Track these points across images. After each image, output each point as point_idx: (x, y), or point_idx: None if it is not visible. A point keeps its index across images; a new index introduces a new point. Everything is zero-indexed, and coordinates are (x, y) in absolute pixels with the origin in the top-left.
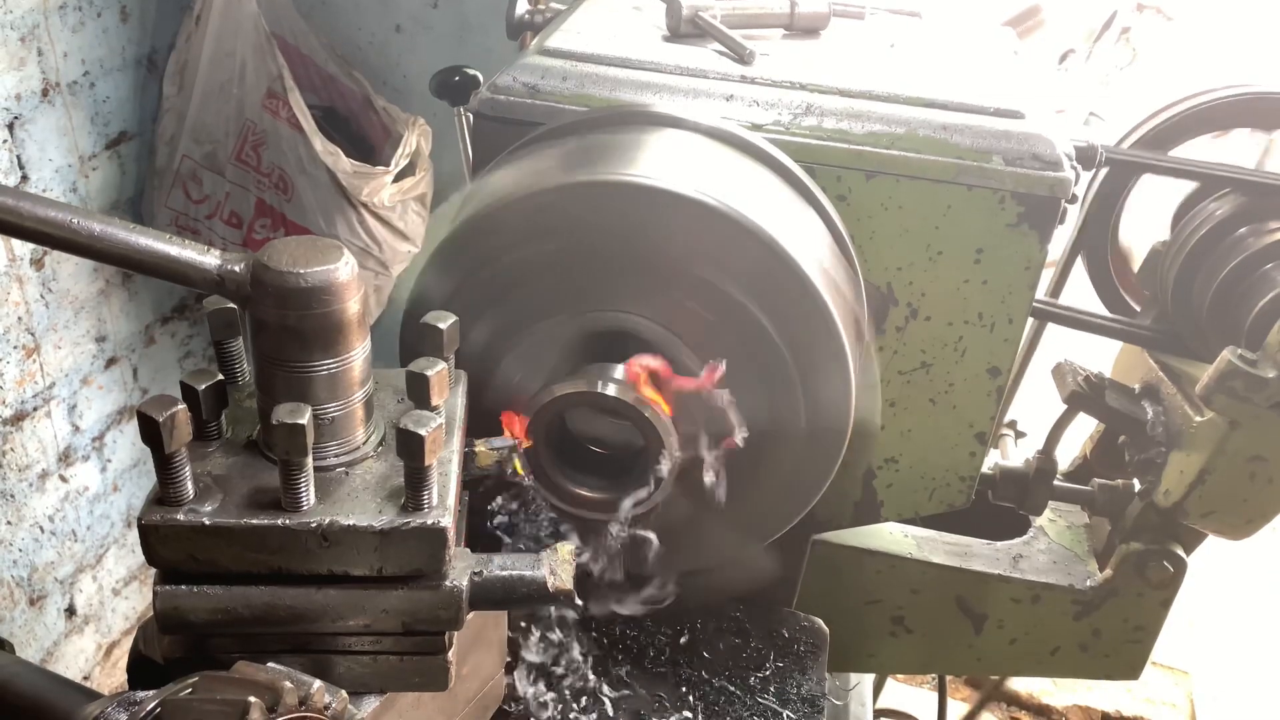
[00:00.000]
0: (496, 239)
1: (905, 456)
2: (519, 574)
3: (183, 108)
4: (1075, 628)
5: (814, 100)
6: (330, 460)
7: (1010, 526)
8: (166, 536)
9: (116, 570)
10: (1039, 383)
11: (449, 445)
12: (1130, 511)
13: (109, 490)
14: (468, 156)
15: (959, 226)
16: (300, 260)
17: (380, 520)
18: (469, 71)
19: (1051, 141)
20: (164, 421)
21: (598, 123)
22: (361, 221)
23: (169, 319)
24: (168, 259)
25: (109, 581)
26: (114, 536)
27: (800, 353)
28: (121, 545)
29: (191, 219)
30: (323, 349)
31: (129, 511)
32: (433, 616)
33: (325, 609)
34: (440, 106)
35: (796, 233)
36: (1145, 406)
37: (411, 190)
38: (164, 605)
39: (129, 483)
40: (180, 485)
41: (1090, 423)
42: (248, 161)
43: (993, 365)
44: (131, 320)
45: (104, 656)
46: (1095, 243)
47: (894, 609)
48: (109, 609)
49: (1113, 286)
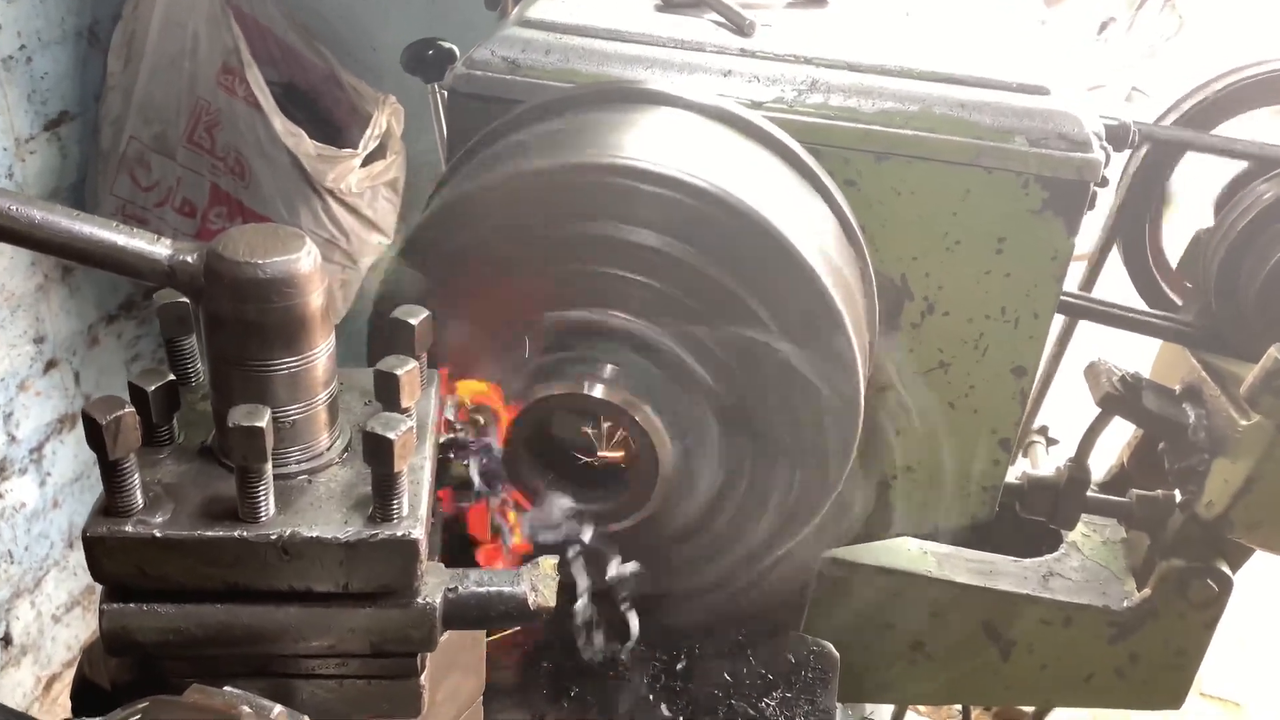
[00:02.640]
0: (473, 227)
1: (923, 465)
2: (497, 590)
3: (129, 85)
4: (1111, 652)
5: (820, 75)
6: (291, 467)
7: (1040, 542)
8: (113, 550)
9: (57, 595)
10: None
11: (420, 450)
12: (1171, 525)
13: (48, 506)
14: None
15: (979, 213)
16: (258, 249)
17: (346, 532)
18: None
19: (1079, 120)
20: (109, 424)
21: (583, 100)
22: (327, 209)
23: (114, 317)
24: (114, 249)
25: (48, 608)
26: (54, 558)
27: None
28: (62, 567)
29: (139, 207)
30: (283, 346)
31: (71, 530)
32: (403, 636)
33: (286, 628)
34: (413, 83)
35: (798, 219)
36: (1186, 409)
37: (381, 175)
38: (111, 625)
39: (71, 498)
40: (128, 494)
41: (1127, 428)
42: (201, 144)
43: (1017, 364)
44: (73, 319)
45: (44, 691)
46: (1132, 231)
47: (912, 633)
48: (49, 638)
49: (1151, 278)
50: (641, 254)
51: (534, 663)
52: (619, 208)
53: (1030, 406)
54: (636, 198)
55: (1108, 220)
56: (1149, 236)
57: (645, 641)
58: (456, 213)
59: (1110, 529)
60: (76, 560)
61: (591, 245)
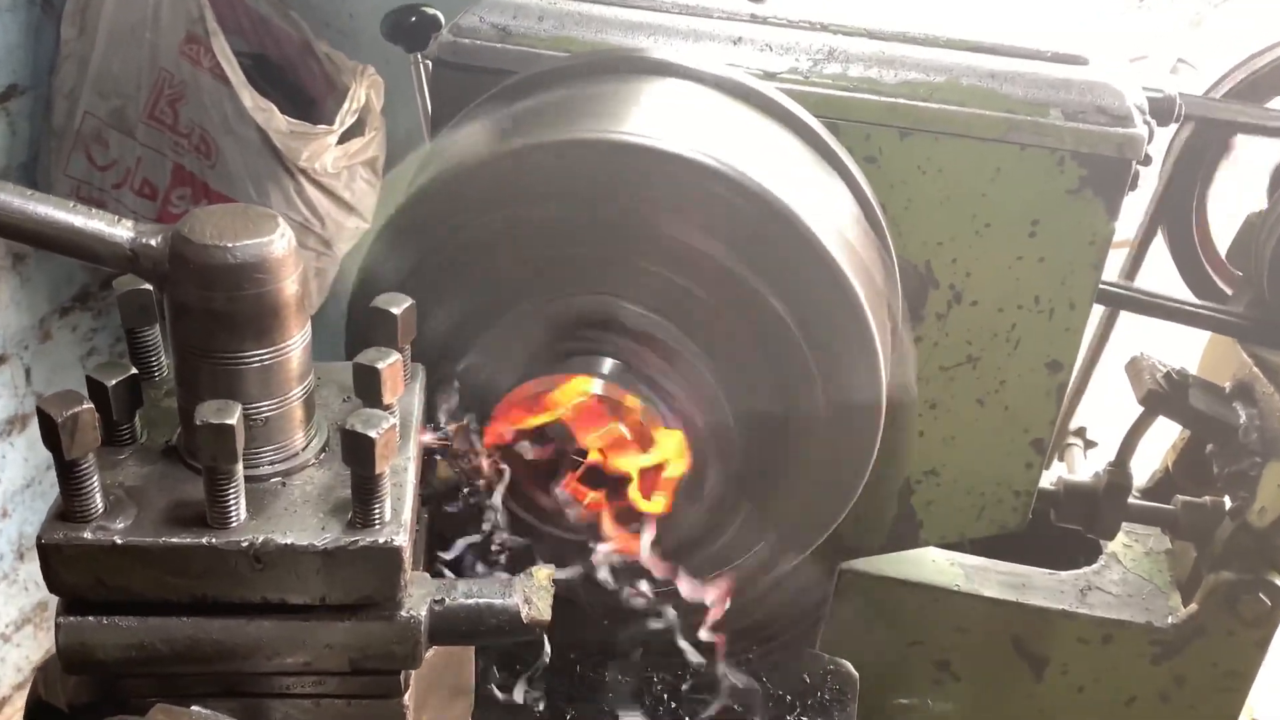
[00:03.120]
0: (460, 209)
1: (949, 468)
2: (487, 602)
3: (85, 55)
4: (1154, 673)
5: (837, 43)
6: (264, 469)
7: (1077, 553)
8: (71, 558)
9: (7, 612)
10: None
11: (404, 451)
12: (1219, 534)
13: None
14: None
15: (1010, 193)
16: (228, 232)
17: (323, 539)
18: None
19: (1120, 92)
20: (65, 422)
21: (580, 71)
22: (300, 191)
23: (68, 310)
24: (72, 231)
25: None
26: (3, 571)
27: (818, 337)
28: (12, 581)
29: (96, 188)
30: (255, 337)
31: (21, 540)
32: (386, 652)
33: (259, 643)
34: (394, 53)
35: (813, 199)
36: (1237, 409)
37: (359, 153)
38: (68, 640)
39: (21, 506)
40: (87, 498)
41: (1172, 429)
42: (163, 120)
43: (1052, 359)
44: (23, 312)
45: None
46: (1178, 214)
47: (938, 651)
48: None
49: (1199, 266)
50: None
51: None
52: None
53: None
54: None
55: (1151, 203)
56: (1196, 220)
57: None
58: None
59: (1154, 539)
60: (28, 574)
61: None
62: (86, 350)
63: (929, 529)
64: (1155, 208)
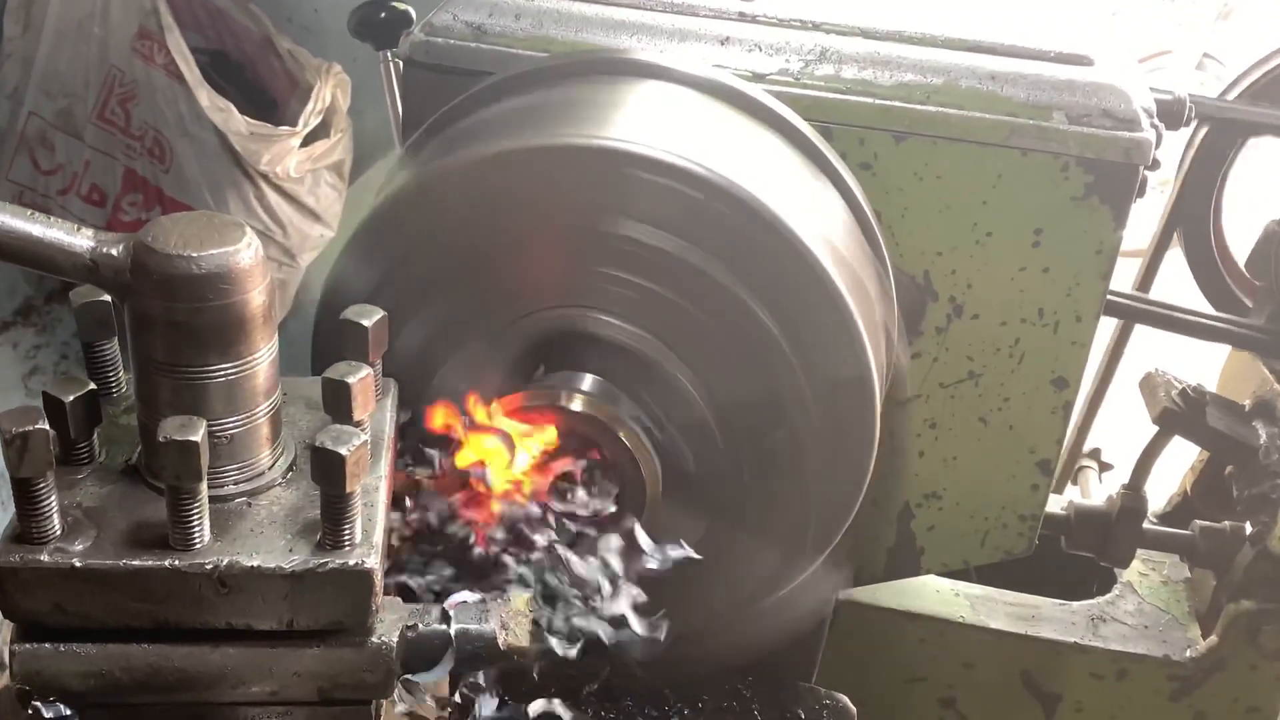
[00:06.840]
0: (432, 217)
1: (950, 491)
2: (463, 628)
3: (29, 52)
4: (1173, 710)
5: (830, 43)
6: (229, 488)
7: (1089, 582)
8: (27, 582)
9: None
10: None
11: (375, 469)
12: (1240, 561)
13: None
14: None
15: (1012, 200)
16: (192, 241)
17: (291, 561)
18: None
19: (1126, 94)
20: (15, 439)
21: (559, 73)
22: (260, 197)
23: (9, 325)
24: (29, 240)
25: None
26: None
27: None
28: None
29: (40, 194)
30: (219, 350)
31: None
32: (356, 681)
33: (223, 672)
34: (362, 50)
35: (802, 206)
36: (1257, 428)
37: (324, 157)
38: (24, 668)
39: None
40: (44, 519)
41: (1190, 450)
42: (113, 121)
43: (1058, 374)
44: None
45: None
46: (1194, 221)
47: (942, 687)
48: None
49: (1218, 276)
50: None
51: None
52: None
53: (1079, 425)
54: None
55: (1165, 210)
56: (1213, 228)
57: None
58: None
59: (1171, 566)
60: None
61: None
62: (29, 368)
63: (930, 556)
64: (1169, 215)
